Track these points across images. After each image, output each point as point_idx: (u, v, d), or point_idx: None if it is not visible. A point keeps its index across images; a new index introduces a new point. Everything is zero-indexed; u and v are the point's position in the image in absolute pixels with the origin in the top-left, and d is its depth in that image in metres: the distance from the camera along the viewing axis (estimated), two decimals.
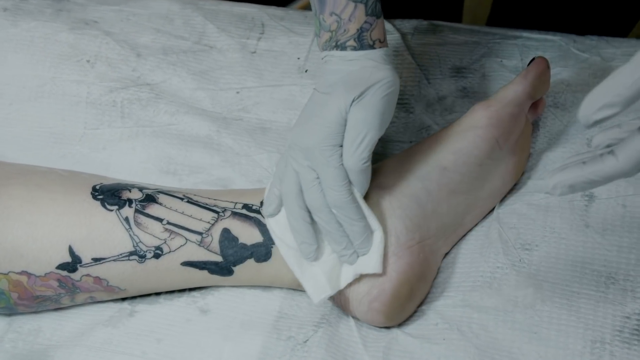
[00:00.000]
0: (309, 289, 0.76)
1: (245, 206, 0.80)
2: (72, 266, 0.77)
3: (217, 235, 0.78)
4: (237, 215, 0.79)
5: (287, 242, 0.77)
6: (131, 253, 0.78)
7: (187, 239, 0.78)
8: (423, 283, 0.80)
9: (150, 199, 0.80)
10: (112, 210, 0.78)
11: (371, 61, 0.75)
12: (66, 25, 0.99)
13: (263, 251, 0.78)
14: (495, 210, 0.84)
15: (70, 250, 0.77)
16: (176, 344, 0.79)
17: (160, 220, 0.79)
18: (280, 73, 0.96)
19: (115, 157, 0.92)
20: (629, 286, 0.78)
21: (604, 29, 0.97)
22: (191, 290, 0.82)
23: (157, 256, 0.78)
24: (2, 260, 0.77)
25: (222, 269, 0.79)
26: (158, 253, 0.78)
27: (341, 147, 0.74)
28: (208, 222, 0.79)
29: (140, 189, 0.81)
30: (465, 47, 0.96)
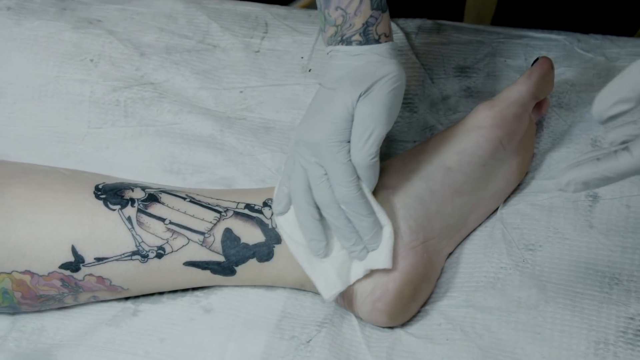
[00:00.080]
0: (320, 286, 0.76)
1: (247, 206, 0.80)
2: (75, 266, 0.77)
3: (219, 235, 0.78)
4: (239, 215, 0.79)
5: (296, 239, 0.77)
6: (134, 253, 0.78)
7: (189, 239, 0.78)
8: (427, 283, 0.79)
9: (153, 199, 0.80)
10: (114, 210, 0.78)
11: (377, 56, 0.75)
12: (70, 24, 0.99)
13: (265, 251, 0.78)
14: (499, 210, 0.84)
15: (73, 250, 0.77)
16: (179, 344, 0.79)
17: (162, 220, 0.79)
18: (283, 72, 0.96)
19: (119, 156, 0.92)
20: (633, 287, 0.77)
21: (610, 27, 0.97)
22: (194, 290, 0.82)
23: (159, 256, 0.78)
24: (6, 260, 0.77)
25: (225, 269, 0.79)
26: (160, 253, 0.78)
27: (348, 142, 0.74)
28: (210, 222, 0.79)
29: (143, 189, 0.80)
30: (469, 47, 0.96)
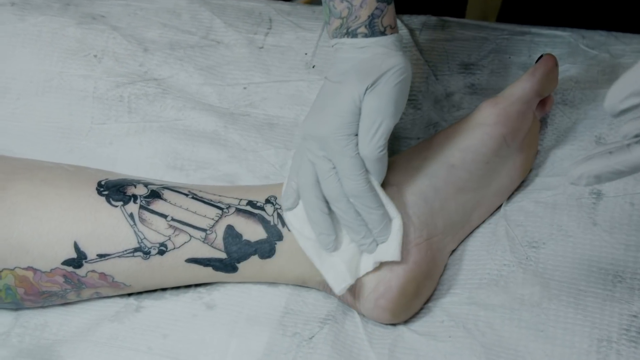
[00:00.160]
0: (330, 280, 0.76)
1: (249, 203, 0.80)
2: (78, 262, 0.77)
3: (221, 232, 0.78)
4: (241, 211, 0.79)
5: (305, 234, 0.77)
6: (136, 249, 0.78)
7: (191, 236, 0.78)
8: (429, 280, 0.79)
9: (155, 195, 0.79)
10: (117, 206, 0.78)
11: (383, 48, 0.75)
12: (74, 19, 0.99)
13: (267, 248, 0.78)
14: (503, 207, 0.83)
15: (76, 246, 0.77)
16: (182, 340, 0.79)
17: (164, 216, 0.78)
18: (287, 68, 0.96)
19: (122, 152, 0.92)
20: (637, 285, 0.77)
21: (615, 24, 0.96)
22: (197, 286, 0.82)
23: (161, 253, 0.78)
24: (9, 256, 0.77)
25: (227, 265, 0.79)
26: (162, 250, 0.78)
27: (356, 136, 0.73)
28: (212, 219, 0.79)
29: (146, 185, 0.80)
30: (473, 43, 0.95)
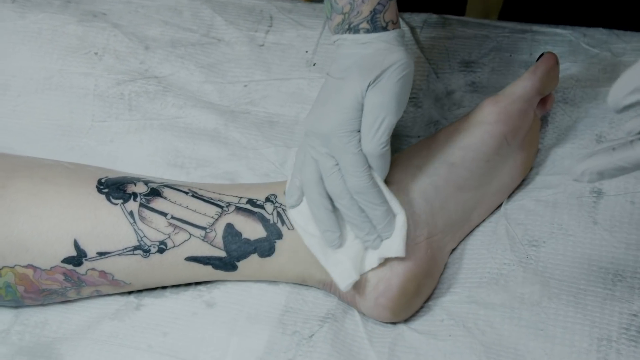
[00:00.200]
0: (336, 276, 0.76)
1: (249, 201, 0.80)
2: (78, 260, 0.77)
3: (220, 230, 0.78)
4: (240, 210, 0.79)
5: (310, 231, 0.77)
6: (135, 247, 0.78)
7: (190, 234, 0.78)
8: (430, 279, 0.79)
9: (155, 193, 0.79)
10: (116, 204, 0.78)
11: (385, 43, 0.75)
12: (74, 17, 0.99)
13: (267, 246, 0.78)
14: (503, 206, 0.83)
15: (76, 244, 0.77)
16: (182, 338, 0.79)
17: (164, 214, 0.78)
18: (288, 66, 0.96)
19: (123, 149, 0.92)
20: (637, 284, 0.77)
21: (616, 22, 0.96)
22: (197, 284, 0.82)
23: (161, 251, 0.78)
24: (8, 254, 0.77)
25: (226, 264, 0.79)
26: (162, 248, 0.78)
27: (359, 132, 0.73)
28: (212, 217, 0.79)
29: (146, 183, 0.80)
30: (474, 41, 0.95)
